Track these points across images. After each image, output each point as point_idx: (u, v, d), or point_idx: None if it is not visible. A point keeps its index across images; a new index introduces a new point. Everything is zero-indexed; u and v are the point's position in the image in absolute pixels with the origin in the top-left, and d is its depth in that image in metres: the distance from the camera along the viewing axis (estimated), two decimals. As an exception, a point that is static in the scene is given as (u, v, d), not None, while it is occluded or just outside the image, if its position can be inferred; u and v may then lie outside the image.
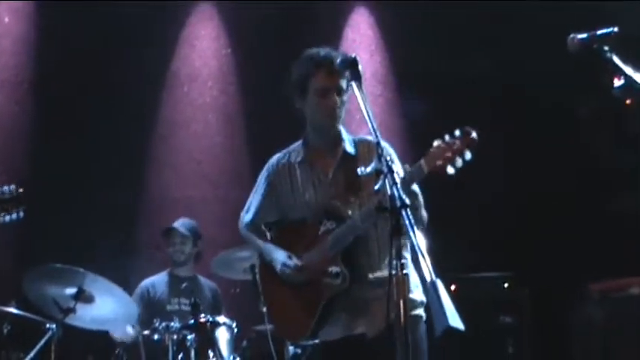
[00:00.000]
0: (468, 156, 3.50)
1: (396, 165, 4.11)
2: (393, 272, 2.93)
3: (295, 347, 6.29)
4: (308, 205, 4.22)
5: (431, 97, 8.16)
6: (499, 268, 7.39)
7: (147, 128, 8.43)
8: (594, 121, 7.69)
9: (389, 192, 2.98)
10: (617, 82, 3.20)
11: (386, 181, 3.05)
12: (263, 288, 4.56)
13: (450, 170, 3.51)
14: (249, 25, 8.67)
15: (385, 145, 4.16)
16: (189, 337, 5.87)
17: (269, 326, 6.01)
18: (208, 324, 6.00)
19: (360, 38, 8.84)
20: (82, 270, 5.78)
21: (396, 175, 3.04)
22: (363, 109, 3.34)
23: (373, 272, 4.00)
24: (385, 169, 3.06)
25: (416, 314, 4.01)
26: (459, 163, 3.51)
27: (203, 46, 8.77)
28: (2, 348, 5.92)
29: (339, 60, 3.80)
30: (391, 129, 8.26)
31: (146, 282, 7.01)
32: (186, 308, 6.59)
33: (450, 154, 3.51)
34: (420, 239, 2.81)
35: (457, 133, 3.52)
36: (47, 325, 5.75)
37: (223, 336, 6.06)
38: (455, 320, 2.66)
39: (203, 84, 8.70)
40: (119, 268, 6.85)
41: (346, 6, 9.02)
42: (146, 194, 8.31)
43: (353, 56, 3.61)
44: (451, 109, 7.83)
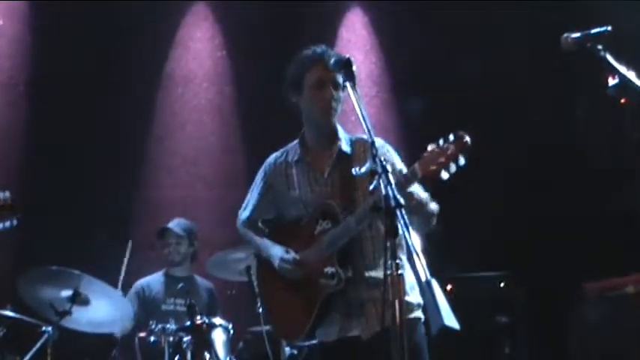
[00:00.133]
0: (462, 161, 3.48)
1: (397, 163, 4.13)
2: (388, 272, 2.92)
3: (291, 348, 6.29)
4: (304, 205, 4.22)
5: (426, 98, 8.16)
6: (495, 268, 7.39)
7: (142, 129, 8.43)
8: (591, 121, 7.69)
9: (383, 192, 2.98)
10: (611, 81, 3.21)
11: (380, 181, 3.04)
12: (260, 287, 4.57)
13: (444, 175, 3.50)
14: (243, 26, 8.67)
15: (384, 144, 4.19)
16: (185, 339, 5.86)
17: (265, 327, 6.02)
18: (204, 326, 5.99)
19: (355, 38, 8.84)
20: (78, 272, 5.77)
21: (391, 176, 3.03)
22: (358, 110, 3.34)
23: (369, 272, 4.00)
24: (380, 170, 3.05)
25: (414, 317, 4.00)
26: (453, 169, 3.49)
27: (198, 47, 8.77)
28: (-2, 351, 5.92)
29: (333, 60, 3.80)
30: (386, 129, 8.25)
31: (141, 281, 7.00)
32: (181, 308, 6.57)
33: (444, 160, 3.49)
34: (415, 239, 2.80)
35: (451, 138, 3.51)
36: (43, 328, 5.75)
37: (219, 337, 6.05)
38: (450, 319, 2.65)
39: (198, 85, 8.70)
40: (115, 270, 6.83)
41: (341, 6, 9.02)
42: (142, 195, 8.30)
43: (347, 57, 3.61)
44: (446, 110, 7.84)
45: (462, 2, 8.16)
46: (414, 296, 4.01)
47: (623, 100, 3.20)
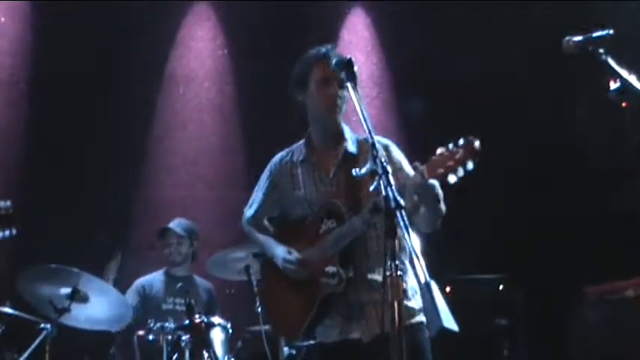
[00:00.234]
0: (470, 166, 3.46)
1: (404, 163, 4.13)
2: (387, 274, 2.91)
3: (290, 348, 6.28)
4: (309, 204, 4.22)
5: (426, 98, 8.16)
6: (495, 270, 7.39)
7: (143, 129, 8.43)
8: (591, 121, 7.69)
9: (383, 193, 2.97)
10: (612, 85, 3.21)
11: (381, 182, 3.04)
12: (263, 285, 4.58)
13: (452, 179, 3.50)
14: (244, 26, 8.67)
15: (389, 144, 4.20)
16: (183, 338, 5.86)
17: (264, 327, 6.02)
18: (203, 325, 5.98)
19: (357, 39, 8.84)
20: (77, 270, 5.77)
21: (391, 177, 3.03)
22: (359, 110, 3.34)
23: (371, 274, 4.00)
24: (380, 170, 3.05)
25: (416, 322, 3.99)
26: (461, 173, 3.48)
27: (199, 47, 8.77)
28: (-3, 348, 5.93)
29: (334, 61, 3.79)
30: (387, 130, 8.23)
31: (142, 280, 7.00)
32: (181, 308, 6.56)
33: (452, 163, 3.48)
34: (415, 241, 2.80)
35: (460, 142, 3.49)
36: (42, 325, 5.74)
37: (218, 337, 6.05)
38: (449, 321, 2.65)
39: (199, 85, 8.70)
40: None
41: (343, 7, 9.02)
42: (142, 195, 8.30)
43: (348, 57, 3.61)
44: (447, 110, 7.84)
45: (463, 2, 8.16)
46: (417, 301, 3.99)
47: (624, 104, 3.20)
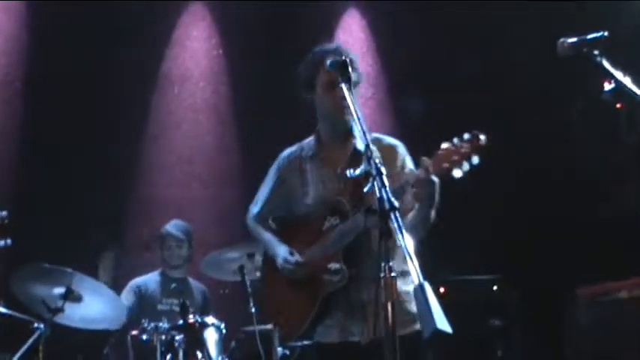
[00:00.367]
0: (476, 160, 3.48)
1: (410, 164, 4.13)
2: (381, 275, 2.91)
3: (284, 348, 6.28)
4: (314, 200, 4.21)
5: (422, 99, 8.16)
6: (489, 271, 7.39)
7: (138, 128, 8.42)
8: (586, 124, 7.69)
9: (377, 194, 2.97)
10: (607, 86, 3.20)
11: (375, 184, 3.03)
12: (264, 282, 4.55)
13: (457, 174, 3.50)
14: (240, 26, 8.67)
15: (398, 144, 4.28)
16: (177, 338, 5.86)
17: (257, 327, 6.03)
18: (197, 325, 5.99)
19: (352, 40, 8.83)
20: (71, 270, 5.77)
21: (385, 178, 3.02)
22: (353, 111, 3.34)
23: (374, 272, 3.98)
24: (374, 172, 3.04)
25: (418, 329, 3.96)
26: (466, 167, 3.49)
27: (195, 47, 8.77)
28: (-10, 347, 5.92)
29: (329, 62, 3.79)
30: (382, 131, 8.22)
31: (137, 280, 6.99)
32: (176, 309, 6.57)
33: (457, 158, 3.50)
34: (409, 242, 2.79)
35: (466, 137, 3.51)
36: (35, 325, 5.74)
37: (212, 337, 6.04)
38: (442, 323, 2.64)
39: (194, 84, 8.70)
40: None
41: (338, 8, 9.01)
42: (136, 194, 8.30)
43: (343, 58, 3.61)
44: (443, 111, 7.84)
45: (460, 2, 8.16)
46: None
47: (618, 105, 3.20)
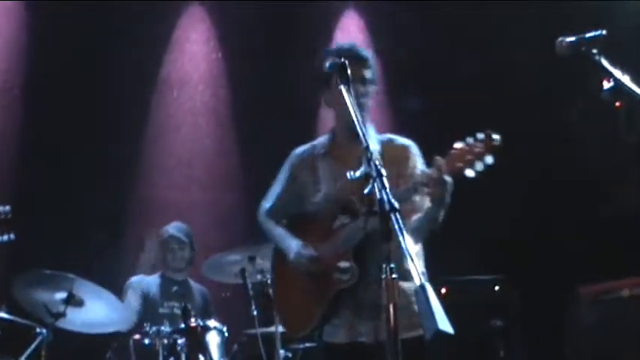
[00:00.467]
0: (490, 160, 3.49)
1: (418, 168, 4.13)
2: (383, 277, 2.90)
3: (286, 350, 6.29)
4: (326, 198, 4.20)
5: (420, 99, 8.17)
6: (490, 271, 7.39)
7: (137, 131, 8.42)
8: (586, 124, 7.69)
9: (378, 196, 2.97)
10: (606, 85, 3.21)
11: (375, 185, 3.03)
12: (273, 278, 4.54)
13: (470, 173, 3.50)
14: (239, 29, 8.67)
15: (411, 145, 4.29)
16: (179, 342, 5.86)
17: (260, 330, 6.03)
18: (199, 328, 5.99)
19: (350, 41, 8.83)
20: (72, 275, 5.77)
21: (385, 179, 3.02)
22: (352, 113, 3.33)
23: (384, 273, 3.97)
24: (374, 173, 3.04)
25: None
26: (480, 167, 3.49)
27: (194, 50, 8.77)
28: (-8, 353, 5.91)
29: (328, 64, 3.78)
30: (381, 132, 8.24)
31: (139, 281, 6.95)
32: (177, 312, 6.57)
33: (471, 157, 3.51)
34: (410, 243, 2.79)
35: (479, 136, 3.52)
36: (37, 330, 5.74)
37: (214, 340, 6.05)
38: (444, 324, 2.64)
39: (193, 88, 8.70)
40: (108, 272, 6.84)
41: (336, 9, 9.02)
42: (136, 197, 8.29)
43: (342, 60, 3.60)
44: (443, 111, 7.84)
45: (460, 2, 8.16)
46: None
47: (617, 104, 3.20)
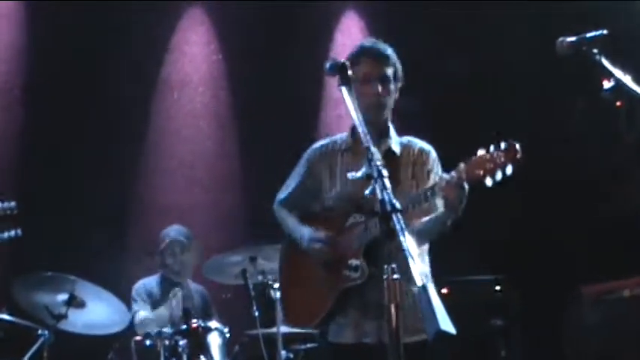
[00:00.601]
0: (509, 170, 3.49)
1: (434, 172, 4.12)
2: (385, 277, 2.90)
3: (288, 351, 6.29)
4: (341, 194, 4.19)
5: (423, 100, 8.16)
6: (490, 271, 7.39)
7: (138, 133, 8.42)
8: (586, 124, 7.69)
9: (379, 196, 2.97)
10: (606, 84, 3.21)
11: (377, 186, 3.03)
12: (282, 269, 4.52)
13: (489, 182, 3.51)
14: (239, 30, 8.67)
15: (431, 150, 4.28)
16: (181, 343, 5.86)
17: (261, 330, 6.03)
18: (200, 329, 5.99)
19: (351, 42, 8.80)
20: (73, 277, 5.78)
21: (386, 180, 3.02)
22: (353, 114, 3.33)
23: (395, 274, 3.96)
24: (375, 174, 3.04)
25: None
26: (499, 177, 3.49)
27: (194, 51, 8.77)
28: (-6, 354, 5.93)
29: (328, 65, 3.78)
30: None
31: (142, 286, 6.93)
32: (178, 313, 6.57)
33: (493, 166, 3.50)
34: (411, 244, 2.79)
35: (502, 146, 3.51)
36: (39, 331, 5.76)
37: (215, 341, 6.04)
38: (446, 324, 2.64)
39: (194, 89, 8.70)
40: (110, 273, 6.84)
41: (336, 9, 9.02)
42: (137, 199, 8.29)
43: (342, 61, 3.60)
44: (441, 111, 7.84)
45: (459, 3, 8.16)
46: None
47: (618, 103, 3.20)
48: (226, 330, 6.15)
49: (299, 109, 8.34)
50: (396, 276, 2.87)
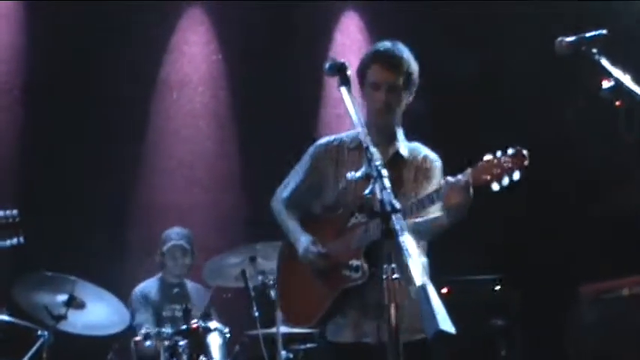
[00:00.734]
0: (517, 176, 3.49)
1: (435, 179, 4.12)
2: (384, 277, 2.90)
3: (288, 352, 6.29)
4: (344, 193, 4.17)
5: (422, 100, 8.15)
6: (491, 271, 7.39)
7: (137, 133, 8.41)
8: (586, 124, 7.68)
9: (379, 197, 2.96)
10: (605, 84, 3.21)
11: (376, 186, 3.03)
12: (280, 268, 4.51)
13: (495, 187, 3.51)
14: (239, 31, 8.67)
15: (436, 159, 4.24)
16: (181, 343, 5.86)
17: (261, 331, 6.03)
18: (200, 329, 5.98)
19: (350, 42, 8.84)
20: (73, 278, 5.78)
21: (386, 180, 3.02)
22: (353, 114, 3.32)
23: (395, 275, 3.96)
24: (374, 174, 3.04)
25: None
26: (506, 182, 3.50)
27: (193, 52, 8.76)
28: (-6, 355, 5.92)
29: (327, 65, 3.77)
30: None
31: (141, 289, 6.94)
32: (179, 314, 6.57)
33: (499, 171, 3.51)
34: (410, 243, 2.79)
35: (510, 151, 3.52)
36: (39, 332, 5.75)
37: (215, 341, 6.04)
38: (446, 323, 2.64)
39: (193, 89, 8.69)
40: (110, 273, 6.84)
41: (336, 9, 9.02)
42: (137, 200, 8.29)
43: (342, 61, 3.60)
44: (441, 112, 7.83)
45: (459, 2, 8.16)
46: None
47: (617, 103, 3.20)
48: (226, 330, 6.15)
49: (299, 109, 8.34)
50: (396, 276, 2.87)
